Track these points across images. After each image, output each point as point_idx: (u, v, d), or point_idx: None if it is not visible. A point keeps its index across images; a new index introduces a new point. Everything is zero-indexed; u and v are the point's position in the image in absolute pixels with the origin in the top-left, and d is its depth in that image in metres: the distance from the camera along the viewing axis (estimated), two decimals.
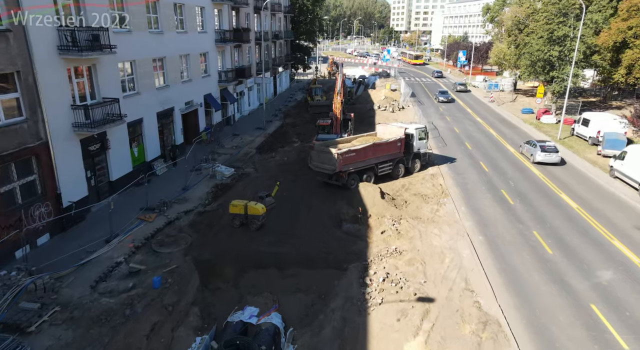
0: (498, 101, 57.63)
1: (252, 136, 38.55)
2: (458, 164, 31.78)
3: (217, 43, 37.44)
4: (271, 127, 42.97)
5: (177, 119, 30.95)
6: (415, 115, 46.47)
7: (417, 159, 29.53)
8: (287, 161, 32.01)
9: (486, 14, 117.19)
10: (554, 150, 31.41)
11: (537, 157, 31.42)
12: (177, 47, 30.17)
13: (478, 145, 36.60)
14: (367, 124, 44.89)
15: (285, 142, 38.05)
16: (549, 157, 31.14)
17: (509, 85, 66.96)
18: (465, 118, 48.34)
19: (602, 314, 15.08)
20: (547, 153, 31.15)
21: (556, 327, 14.51)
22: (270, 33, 56.80)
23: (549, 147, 31.52)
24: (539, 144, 31.98)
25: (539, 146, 31.75)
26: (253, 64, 49.54)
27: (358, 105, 55.70)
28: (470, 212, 23.28)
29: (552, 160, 31.22)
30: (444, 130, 42.37)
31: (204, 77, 35.54)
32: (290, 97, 60.99)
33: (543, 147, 31.56)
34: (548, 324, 14.63)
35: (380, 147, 26.96)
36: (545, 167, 30.92)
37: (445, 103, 56.81)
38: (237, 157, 32.43)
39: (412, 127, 29.36)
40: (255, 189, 26.17)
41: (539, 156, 31.29)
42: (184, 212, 22.34)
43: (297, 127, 43.94)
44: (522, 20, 54.04)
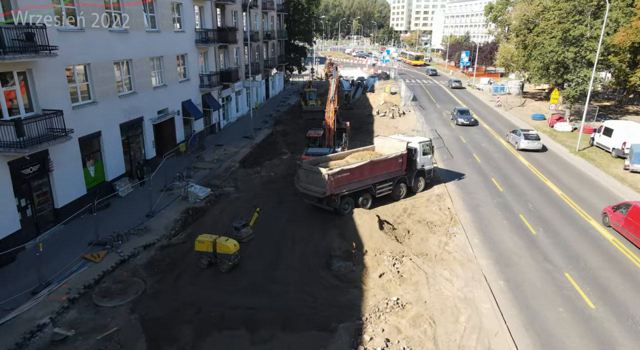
0: (505, 105, 53.92)
1: (237, 147, 34.78)
2: (467, 180, 28.04)
3: (198, 44, 33.69)
4: (260, 135, 39.21)
5: (148, 130, 27.19)
6: (418, 122, 42.73)
7: (421, 176, 25.80)
8: (274, 177, 28.27)
9: (489, 14, 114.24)
10: (536, 138, 34.43)
11: (521, 144, 34.29)
12: (147, 48, 26.43)
13: (488, 158, 32.86)
14: (365, 132, 41.18)
15: (273, 154, 34.30)
16: (531, 144, 34.10)
17: (516, 88, 63.23)
18: (471, 125, 44.58)
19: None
20: (530, 141, 34.10)
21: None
22: (262, 33, 53.06)
23: (531, 135, 34.50)
24: (522, 133, 34.75)
25: (522, 134, 34.57)
26: (242, 66, 45.78)
27: (355, 110, 51.96)
28: (486, 246, 19.52)
29: (535, 147, 34.15)
30: (449, 139, 38.64)
31: (182, 81, 31.79)
32: (283, 101, 57.25)
33: (527, 135, 34.42)
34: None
35: (379, 165, 23.22)
36: (569, 186, 27.18)
37: (467, 126, 43.16)
38: (217, 172, 28.66)
39: (415, 140, 25.63)
40: (234, 213, 22.45)
41: (523, 143, 34.16)
42: (142, 247, 18.59)
43: (289, 136, 40.19)
44: (532, 19, 50.31)
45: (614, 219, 20.87)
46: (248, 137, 37.58)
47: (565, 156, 33.92)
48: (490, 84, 69.10)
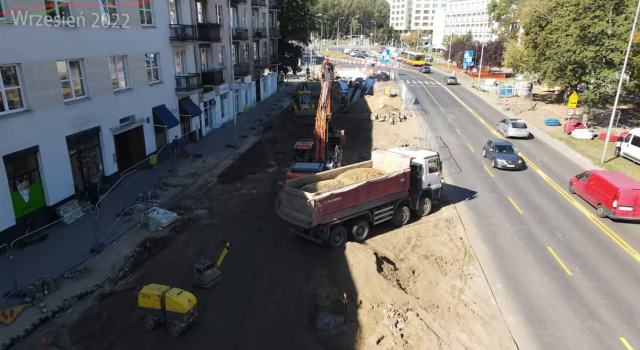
0: (514, 109, 49.97)
1: (218, 158, 30.81)
2: (480, 200, 24.10)
3: (173, 41, 29.76)
4: (245, 144, 35.25)
5: (107, 141, 23.24)
6: (421, 128, 38.79)
7: (427, 198, 21.85)
8: (255, 196, 24.34)
9: (492, 12, 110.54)
10: (523, 126, 37.10)
11: (509, 132, 36.87)
12: (104, 46, 22.50)
13: (502, 171, 28.91)
14: (362, 140, 37.24)
15: (258, 166, 30.35)
16: (518, 132, 36.66)
17: (525, 90, 59.30)
18: (479, 131, 40.67)
19: None
20: (517, 129, 36.72)
21: None
22: (251, 30, 49.13)
23: (518, 124, 37.28)
24: (510, 122, 37.66)
25: (510, 123, 37.37)
26: (228, 66, 41.83)
27: (352, 114, 48.03)
28: (512, 294, 15.55)
29: (522, 135, 36.68)
30: (455, 148, 34.69)
31: (153, 84, 27.85)
32: (275, 104, 53.28)
33: (514, 123, 37.26)
34: None
35: (377, 186, 19.29)
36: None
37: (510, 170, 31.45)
38: (190, 191, 24.71)
39: (419, 155, 21.69)
40: (202, 245, 18.56)
41: (511, 131, 36.75)
42: (76, 297, 14.64)
43: (278, 144, 36.22)
44: (544, 15, 46.38)
45: (577, 186, 24.45)
46: (232, 146, 33.63)
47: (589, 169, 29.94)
48: (496, 85, 65.17)
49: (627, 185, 20.90)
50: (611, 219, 21.29)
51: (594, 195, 22.50)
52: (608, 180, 21.73)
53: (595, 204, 22.42)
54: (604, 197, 21.60)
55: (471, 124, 43.40)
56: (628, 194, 20.35)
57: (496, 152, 29.16)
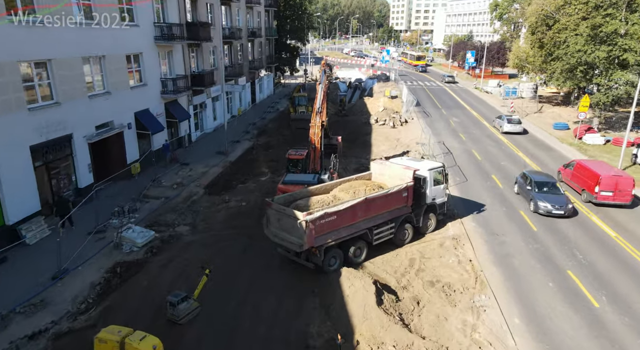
0: (520, 112, 47.95)
1: (206, 166, 28.78)
2: (489, 214, 22.08)
3: (158, 41, 27.75)
4: (237, 150, 33.22)
5: (81, 150, 21.22)
6: (423, 133, 36.79)
7: (431, 213, 19.83)
8: (244, 209, 22.35)
9: (494, 11, 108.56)
10: (518, 122, 38.66)
11: (504, 127, 38.40)
12: (77, 46, 20.48)
13: (511, 181, 26.90)
14: (361, 145, 35.24)
15: (249, 174, 28.36)
16: (513, 128, 38.15)
17: (529, 91, 57.30)
18: (484, 135, 38.65)
19: None
20: (512, 124, 38.26)
21: None
22: (246, 30, 47.12)
23: (513, 120, 38.88)
24: (506, 118, 39.33)
25: (505, 119, 38.96)
26: (220, 67, 39.77)
27: (351, 117, 46.05)
28: (533, 332, 13.49)
29: (516, 130, 38.15)
30: (460, 154, 32.68)
31: (135, 87, 25.84)
32: (271, 107, 51.25)
33: (509, 119, 38.82)
34: None
35: (377, 202, 17.28)
36: (623, 223, 21.19)
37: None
38: (173, 203, 22.67)
39: (423, 166, 19.67)
40: (180, 269, 16.57)
41: (506, 127, 38.30)
42: (26, 337, 12.61)
43: (272, 150, 34.22)
44: (551, 14, 44.36)
45: (565, 175, 25.99)
46: (222, 153, 31.60)
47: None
48: (500, 86, 63.15)
49: (607, 172, 22.50)
50: (593, 203, 22.83)
51: (579, 182, 24.12)
52: (591, 168, 23.33)
53: (579, 190, 24.04)
54: (587, 184, 23.22)
55: (475, 128, 41.39)
56: (608, 180, 22.02)
57: (535, 191, 22.18)
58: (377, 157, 32.59)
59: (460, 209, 22.44)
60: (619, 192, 22.03)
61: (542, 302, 14.87)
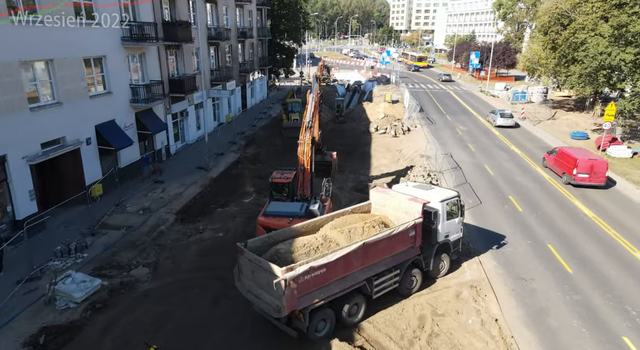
0: (532, 118, 44.39)
1: (183, 184, 25.20)
2: (511, 249, 18.51)
3: (126, 42, 24.16)
4: (220, 164, 29.63)
5: (19, 173, 17.61)
6: (428, 143, 33.24)
7: (444, 253, 16.27)
8: (220, 241, 18.81)
9: (497, 11, 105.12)
10: (510, 116, 40.74)
11: (497, 121, 40.53)
12: (13, 49, 16.90)
13: (532, 203, 23.33)
14: (359, 157, 31.72)
15: (232, 195, 24.85)
16: (506, 121, 40.25)
17: (539, 95, 53.74)
18: (495, 146, 35.08)
19: None
20: (504, 118, 40.35)
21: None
22: (235, 30, 43.54)
23: (506, 114, 40.90)
24: (499, 112, 41.40)
25: (498, 114, 41.11)
26: (205, 71, 36.27)
27: (349, 124, 42.54)
28: None
29: (509, 124, 40.26)
30: (470, 169, 29.12)
31: (96, 96, 22.25)
32: (263, 112, 47.67)
33: (502, 114, 40.87)
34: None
35: (377, 246, 13.71)
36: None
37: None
38: (135, 235, 19.06)
39: (434, 197, 16.08)
40: (126, 336, 12.96)
41: (499, 121, 40.37)
42: None
43: (260, 164, 30.70)
44: (566, 12, 40.81)
45: (549, 161, 28.13)
46: (203, 168, 28.03)
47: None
48: (507, 89, 59.58)
49: (584, 156, 25.03)
50: (572, 184, 25.32)
51: (560, 166, 26.56)
52: (570, 154, 25.78)
53: (560, 173, 26.52)
54: (566, 167, 25.67)
55: (485, 137, 37.81)
56: (585, 163, 24.51)
57: None
58: (377, 171, 29.06)
59: (477, 242, 18.87)
60: (594, 174, 24.56)
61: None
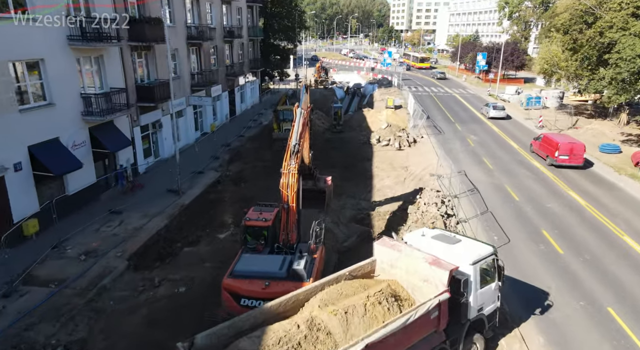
0: (550, 127, 39.99)
1: (145, 215, 20.78)
2: (560, 313, 14.09)
3: (74, 43, 19.73)
4: (197, 185, 25.22)
5: None
6: (438, 157, 28.86)
7: (476, 333, 11.87)
8: (180, 300, 14.46)
9: (503, 10, 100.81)
10: (502, 109, 43.84)
11: (490, 113, 43.50)
12: None
13: (574, 241, 18.92)
14: (359, 176, 27.37)
15: (205, 228, 20.49)
16: (498, 113, 43.22)
17: (555, 100, 49.35)
18: (515, 161, 30.69)
19: None
20: (497, 110, 43.46)
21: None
22: (221, 29, 39.14)
23: (498, 107, 44.25)
24: (491, 105, 44.72)
25: (491, 106, 44.26)
26: (184, 75, 31.91)
27: (348, 133, 38.13)
28: None
29: (501, 116, 43.06)
30: (489, 191, 24.76)
31: (29, 109, 17.85)
32: (254, 120, 43.23)
33: (494, 106, 44.18)
34: None
35: (386, 343, 9.30)
36: None
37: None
38: (68, 295, 14.57)
39: (462, 253, 11.64)
40: None
41: (492, 113, 43.41)
42: None
43: (244, 185, 26.34)
44: (591, 9, 36.42)
45: (535, 146, 31.73)
46: (175, 192, 23.64)
47: None
48: (519, 93, 55.17)
49: (565, 140, 28.25)
50: (555, 165, 28.15)
51: (544, 150, 29.42)
52: (553, 138, 28.94)
53: (545, 156, 29.22)
54: (550, 150, 28.60)
55: (502, 150, 33.40)
56: (565, 146, 27.61)
57: None
58: (380, 195, 24.64)
59: (513, 302, 14.47)
60: (573, 156, 27.63)
61: None
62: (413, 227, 19.89)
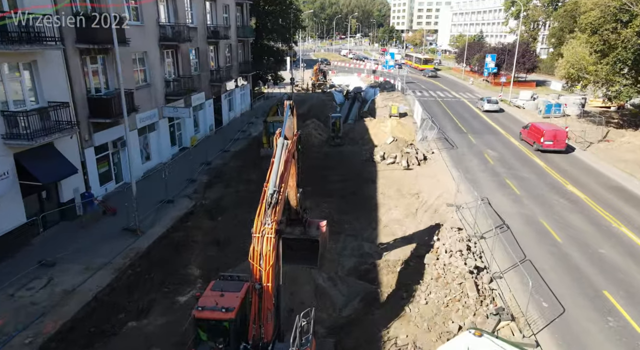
0: (578, 139, 35.19)
1: (87, 268, 16.00)
2: None
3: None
4: (162, 220, 20.46)
5: None
6: (457, 181, 24.13)
7: None
8: None
9: (510, 9, 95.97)
10: (495, 102, 46.99)
11: (484, 106, 46.56)
12: None
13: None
14: (361, 204, 22.63)
15: (164, 284, 15.76)
16: (492, 106, 46.29)
17: (576, 107, 44.58)
18: (546, 184, 25.87)
19: None
20: (490, 104, 46.46)
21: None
22: (204, 29, 34.38)
23: (492, 100, 47.13)
24: (486, 99, 47.53)
25: (486, 100, 47.15)
26: (156, 83, 27.20)
27: (347, 147, 33.44)
28: None
29: (494, 109, 46.18)
30: (521, 227, 20.01)
31: None
32: (242, 131, 38.45)
33: (489, 100, 47.03)
34: None
35: None
36: None
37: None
38: None
39: None
40: None
41: (486, 106, 46.38)
42: None
43: (222, 218, 21.58)
44: (628, 5, 31.74)
45: (524, 134, 34.19)
46: (132, 231, 18.89)
47: None
48: (534, 99, 50.40)
49: (549, 128, 31.79)
50: (540, 150, 31.22)
51: (532, 137, 32.52)
52: (539, 126, 32.32)
53: (532, 143, 32.41)
54: (536, 137, 31.80)
55: (526, 168, 28.63)
56: (549, 133, 31.03)
57: None
58: (388, 233, 19.92)
59: None
60: (557, 141, 30.70)
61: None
62: (433, 287, 15.19)
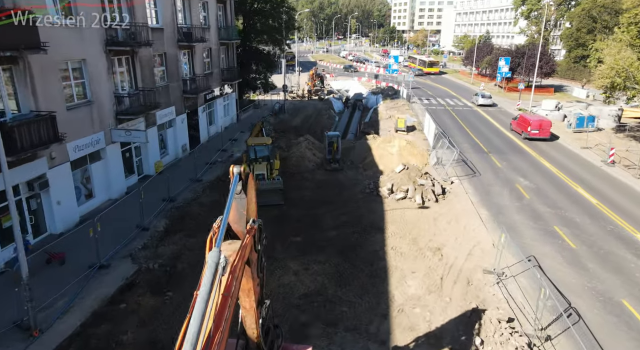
0: (623, 160, 29.24)
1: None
2: None
3: None
4: (85, 300, 14.48)
5: None
6: (489, 229, 18.21)
7: None
8: None
9: (519, 8, 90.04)
10: (489, 97, 50.83)
11: (479, 101, 50.28)
12: None
13: None
14: (363, 269, 16.41)
15: None
16: (486, 101, 50.03)
17: (611, 119, 38.69)
18: (611, 234, 19.83)
19: None
20: (484, 98, 50.29)
21: None
22: (174, 30, 28.44)
23: (486, 95, 50.92)
24: (480, 94, 51.27)
25: (480, 95, 50.94)
26: (101, 99, 21.27)
27: (346, 173, 27.46)
28: None
29: (487, 103, 49.97)
30: (595, 312, 14.02)
31: None
32: (223, 150, 32.47)
33: (483, 95, 50.71)
34: None
35: None
36: None
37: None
38: None
39: None
40: None
41: (480, 100, 50.19)
42: None
43: (175, 293, 15.56)
44: None
45: (513, 124, 37.82)
46: (24, 327, 12.89)
47: None
48: (559, 109, 44.47)
49: (535, 118, 35.06)
50: (528, 139, 34.59)
51: (520, 127, 35.95)
52: (526, 117, 35.67)
53: (520, 132, 35.74)
54: (524, 127, 35.20)
55: (576, 208, 22.55)
56: (536, 123, 34.19)
57: None
58: (404, 322, 13.86)
59: None
60: (542, 130, 34.12)
61: None
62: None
